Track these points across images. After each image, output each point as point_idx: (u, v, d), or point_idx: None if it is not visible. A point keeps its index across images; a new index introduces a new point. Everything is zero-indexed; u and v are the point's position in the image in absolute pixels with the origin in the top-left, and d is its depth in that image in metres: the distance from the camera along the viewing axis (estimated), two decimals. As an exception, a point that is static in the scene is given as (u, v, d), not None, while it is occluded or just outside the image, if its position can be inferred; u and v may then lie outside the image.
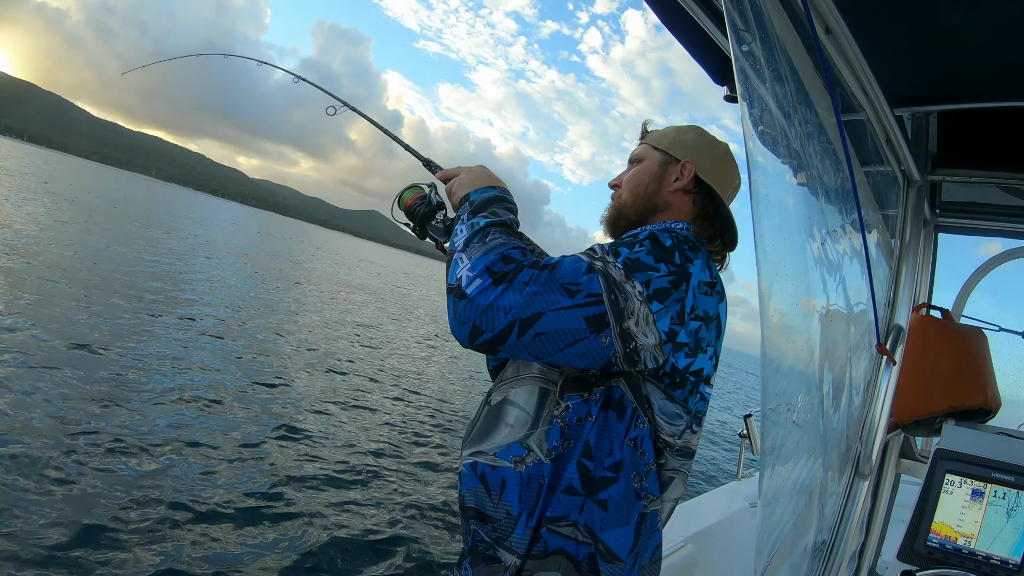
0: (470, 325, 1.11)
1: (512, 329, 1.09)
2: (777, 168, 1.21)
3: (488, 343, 1.11)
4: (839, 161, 1.54)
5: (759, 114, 1.13)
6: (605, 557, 1.18)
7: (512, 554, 1.20)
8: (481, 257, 1.16)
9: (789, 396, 1.29)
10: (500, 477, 1.22)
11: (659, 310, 1.15)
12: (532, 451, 1.22)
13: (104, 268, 15.87)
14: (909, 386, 2.35)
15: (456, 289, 1.14)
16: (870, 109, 1.79)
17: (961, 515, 2.09)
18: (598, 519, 1.18)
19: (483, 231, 1.23)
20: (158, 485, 5.73)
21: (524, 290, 1.10)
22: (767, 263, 1.06)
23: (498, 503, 1.22)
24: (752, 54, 1.13)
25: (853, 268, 1.69)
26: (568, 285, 1.11)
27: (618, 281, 1.13)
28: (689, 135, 1.51)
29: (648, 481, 1.24)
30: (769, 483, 1.25)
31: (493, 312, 1.09)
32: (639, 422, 1.23)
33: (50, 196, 32.97)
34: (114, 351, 9.19)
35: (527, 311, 1.09)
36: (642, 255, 1.19)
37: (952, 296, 2.99)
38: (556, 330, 1.10)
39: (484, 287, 1.11)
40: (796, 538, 1.63)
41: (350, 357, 14.08)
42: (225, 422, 7.90)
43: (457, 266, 1.17)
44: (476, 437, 1.31)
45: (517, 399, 1.29)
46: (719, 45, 1.79)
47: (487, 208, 1.31)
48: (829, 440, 1.71)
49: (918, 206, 2.32)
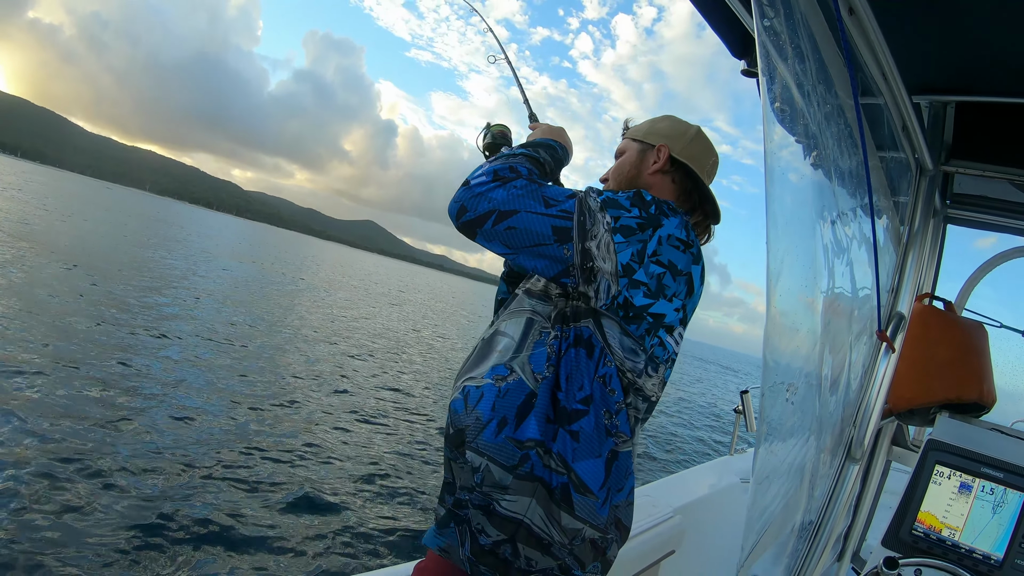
0: (460, 204, 1.32)
1: (490, 216, 1.29)
2: (792, 146, 1.20)
3: (469, 223, 1.32)
4: (854, 144, 1.53)
5: (778, 90, 1.12)
6: (577, 488, 1.24)
7: (479, 456, 1.28)
8: (495, 164, 1.37)
9: (789, 376, 1.29)
10: (480, 392, 1.32)
11: (620, 243, 1.30)
12: (514, 371, 1.32)
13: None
14: (906, 374, 2.36)
15: (466, 181, 1.34)
16: (888, 94, 1.78)
17: (948, 507, 2.10)
18: (570, 449, 1.25)
19: (514, 154, 1.44)
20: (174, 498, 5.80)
21: (512, 191, 1.30)
22: (778, 242, 1.06)
23: (470, 412, 1.31)
24: (774, 29, 1.11)
25: (860, 253, 1.69)
26: (548, 198, 1.31)
27: (592, 208, 1.31)
28: (661, 124, 1.67)
29: (619, 419, 1.31)
30: (763, 461, 1.26)
31: (480, 199, 1.30)
32: (607, 360, 1.31)
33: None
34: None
35: (507, 206, 1.28)
36: (621, 198, 1.37)
37: (956, 288, 2.99)
38: (525, 228, 1.28)
39: (484, 181, 1.32)
40: (785, 517, 1.65)
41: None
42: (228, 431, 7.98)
43: (479, 169, 1.37)
44: (468, 367, 1.42)
45: (507, 330, 1.41)
46: (739, 18, 1.77)
47: (533, 147, 1.51)
48: (824, 422, 1.72)
49: (929, 195, 2.31)
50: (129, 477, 5.76)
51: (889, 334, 2.00)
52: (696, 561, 2.96)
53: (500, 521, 1.24)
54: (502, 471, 1.25)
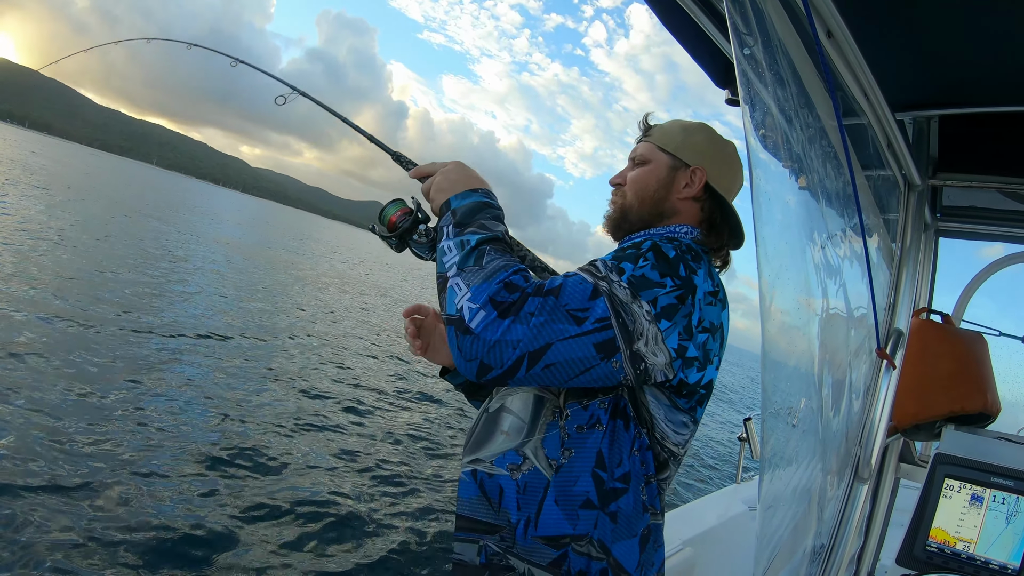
0: (477, 363, 1.07)
1: (521, 363, 1.06)
2: (779, 172, 1.21)
3: (498, 379, 1.08)
4: (840, 165, 1.54)
5: (761, 118, 1.13)
6: (615, 570, 1.17)
7: (522, 562, 1.18)
8: (482, 285, 1.09)
9: (789, 400, 1.29)
10: (497, 485, 1.21)
11: (667, 328, 1.13)
12: (528, 459, 1.21)
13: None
14: (909, 390, 2.35)
15: (458, 322, 1.08)
16: (871, 113, 1.80)
17: (960, 520, 2.08)
18: (609, 532, 1.17)
19: (477, 250, 1.15)
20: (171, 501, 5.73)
21: (531, 321, 1.05)
22: (768, 267, 1.06)
23: (499, 511, 1.21)
24: (754, 57, 1.12)
25: (854, 272, 1.69)
26: (575, 312, 1.07)
27: (624, 302, 1.10)
28: (698, 137, 1.44)
29: (648, 492, 1.23)
30: (769, 487, 1.25)
31: (501, 347, 1.05)
32: (639, 432, 1.21)
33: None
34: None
35: (535, 343, 1.05)
36: (647, 270, 1.15)
37: (952, 300, 2.99)
38: (566, 360, 1.07)
39: (489, 321, 1.06)
40: (795, 542, 1.63)
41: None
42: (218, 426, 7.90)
43: (455, 294, 1.11)
44: (474, 444, 1.30)
45: (513, 407, 1.27)
46: (721, 48, 1.79)
47: (474, 219, 1.22)
48: (828, 444, 1.71)
49: (919, 210, 2.32)
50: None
51: (889, 351, 2.00)
52: (708, 592, 2.92)
53: None
54: (542, 571, 1.17)
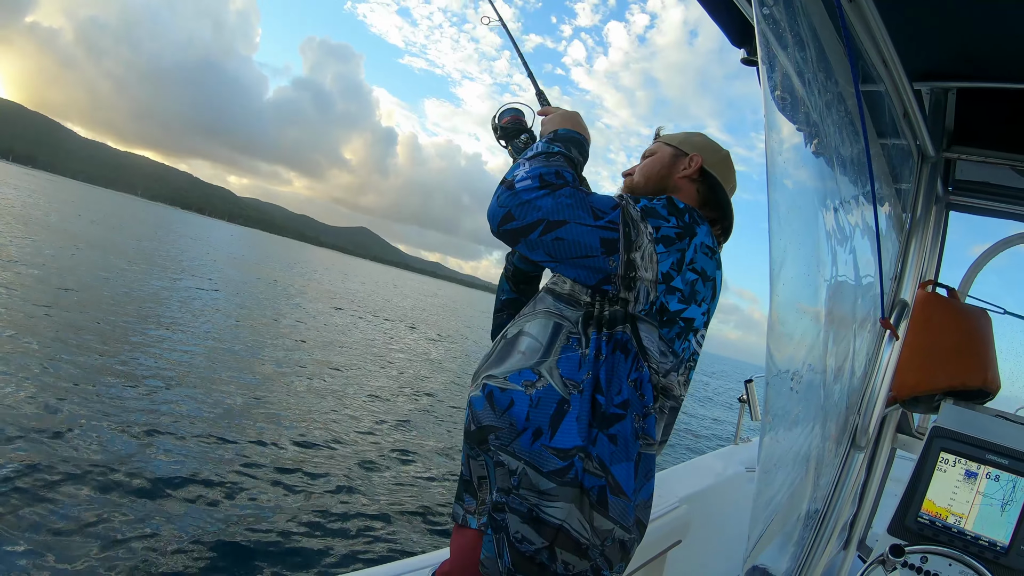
0: (506, 210, 1.27)
1: (538, 226, 1.25)
2: (793, 135, 1.20)
3: (514, 231, 1.27)
4: (855, 132, 1.53)
5: (779, 79, 1.12)
6: (614, 490, 1.25)
7: (516, 459, 1.27)
8: (539, 167, 1.31)
9: (793, 364, 1.29)
10: (509, 398, 1.30)
11: (662, 252, 1.29)
12: (543, 377, 1.30)
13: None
14: (910, 362, 2.36)
15: (508, 182, 1.30)
16: (889, 81, 1.77)
17: (953, 494, 2.10)
18: (608, 452, 1.25)
19: (552, 153, 1.37)
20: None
21: (560, 199, 1.25)
22: (780, 230, 1.06)
23: (502, 415, 1.30)
24: (774, 18, 1.11)
25: (863, 240, 1.69)
26: (596, 209, 1.27)
27: (635, 218, 1.29)
28: (697, 137, 1.67)
29: (647, 423, 1.30)
30: (768, 450, 1.27)
31: (529, 207, 1.25)
32: (639, 364, 1.30)
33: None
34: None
35: (556, 215, 1.24)
36: (659, 207, 1.33)
37: (959, 275, 2.97)
38: (574, 240, 1.25)
39: (532, 187, 1.26)
40: (791, 506, 1.65)
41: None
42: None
43: (517, 168, 1.32)
44: (489, 366, 1.40)
45: (531, 330, 1.39)
46: (739, 7, 1.76)
47: (565, 143, 1.44)
48: (829, 411, 1.72)
49: (931, 182, 2.30)
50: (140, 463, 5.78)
51: (893, 321, 1.99)
52: (702, 550, 2.96)
53: (544, 528, 1.24)
54: (540, 476, 1.25)
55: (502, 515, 1.28)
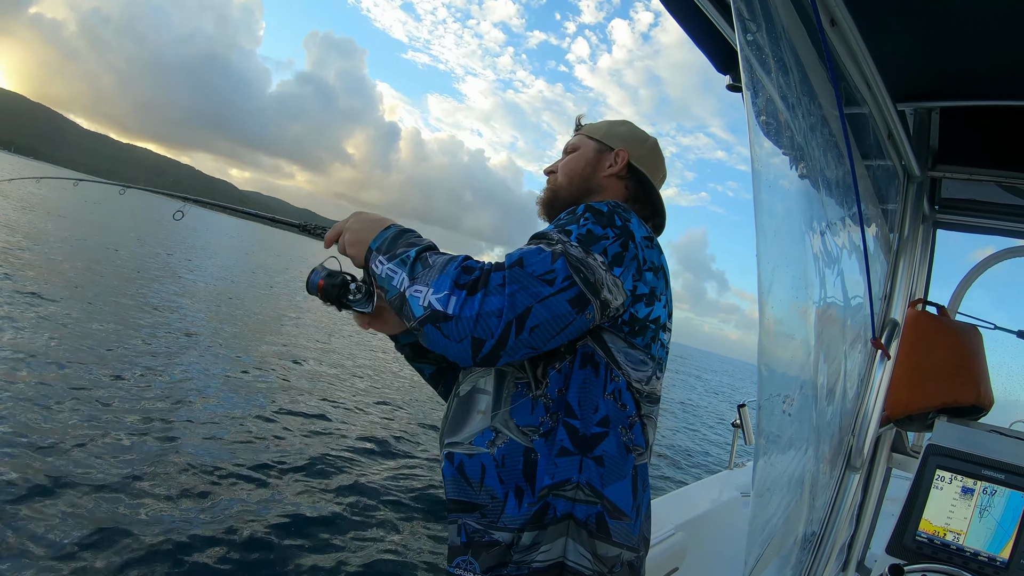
0: (468, 340, 1.08)
1: (510, 330, 1.08)
2: (779, 158, 1.21)
3: (492, 351, 1.09)
4: (840, 154, 1.54)
5: (763, 104, 1.13)
6: (612, 514, 1.19)
7: (509, 532, 1.19)
8: (440, 278, 1.12)
9: (785, 387, 1.29)
10: (479, 464, 1.23)
11: (621, 273, 1.21)
12: (500, 432, 1.23)
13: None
14: (902, 381, 2.36)
15: (432, 315, 1.10)
16: (873, 103, 1.79)
17: (950, 511, 2.09)
18: (597, 476, 1.19)
19: (420, 258, 1.19)
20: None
21: (504, 291, 1.08)
22: (767, 254, 1.06)
23: (480, 490, 1.22)
24: (757, 44, 1.12)
25: (851, 261, 1.70)
26: (543, 276, 1.11)
27: (580, 258, 1.15)
28: (621, 128, 1.60)
29: (634, 433, 1.26)
30: (762, 473, 1.26)
31: (485, 319, 1.07)
32: (613, 375, 1.24)
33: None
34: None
35: (516, 309, 1.08)
36: (589, 225, 1.22)
37: (948, 292, 3.00)
38: (547, 319, 1.10)
39: (463, 300, 1.08)
40: (787, 529, 1.64)
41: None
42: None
43: (417, 298, 1.13)
44: (450, 429, 1.31)
45: (486, 386, 1.29)
46: (723, 34, 1.78)
47: (399, 243, 1.25)
48: (822, 432, 1.72)
49: (917, 202, 2.32)
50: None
51: (884, 341, 2.00)
52: (700, 576, 2.94)
53: (541, 574, 1.17)
54: (530, 533, 1.18)
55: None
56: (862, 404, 2.03)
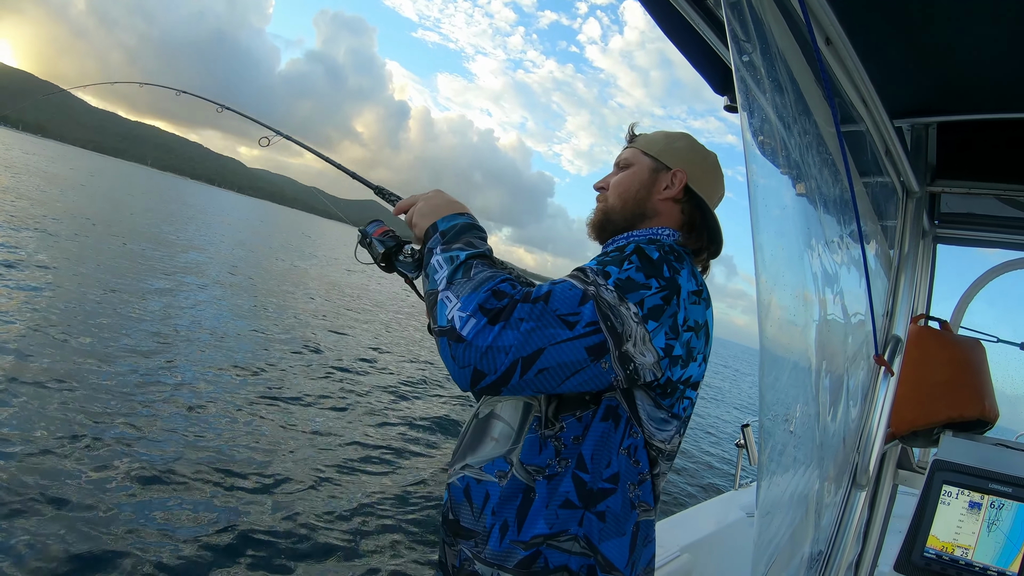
0: (471, 369, 1.06)
1: (515, 369, 1.05)
2: (777, 178, 1.21)
3: (491, 385, 1.07)
4: (838, 172, 1.55)
5: (759, 124, 1.13)
6: (604, 568, 1.18)
7: (489, 567, 1.19)
8: (471, 295, 1.10)
9: (787, 406, 1.29)
10: (484, 491, 1.23)
11: (654, 328, 1.14)
12: (513, 465, 1.22)
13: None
14: (907, 397, 2.35)
15: (450, 331, 1.08)
16: (869, 120, 1.80)
17: (958, 526, 2.08)
18: (596, 530, 1.17)
19: (465, 264, 1.16)
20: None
21: (521, 327, 1.05)
22: (766, 273, 1.06)
23: (479, 517, 1.22)
24: (752, 64, 1.13)
25: (851, 279, 1.69)
26: (565, 316, 1.08)
27: (612, 305, 1.11)
28: (680, 143, 1.49)
29: (642, 490, 1.23)
30: (766, 493, 1.25)
31: (494, 353, 1.05)
32: (632, 431, 1.22)
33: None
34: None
35: (527, 349, 1.05)
36: (632, 272, 1.16)
37: (950, 307, 3.00)
38: (558, 364, 1.07)
39: (480, 328, 1.06)
40: (793, 549, 1.63)
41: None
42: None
43: (445, 306, 1.11)
44: (464, 450, 1.31)
45: (502, 413, 1.29)
46: (719, 55, 1.79)
47: (461, 238, 1.23)
48: (826, 450, 1.71)
49: (917, 217, 2.33)
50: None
51: (887, 358, 1.99)
52: (706, 598, 2.92)
53: None
54: (507, 574, 1.17)
55: None
56: (866, 421, 2.02)
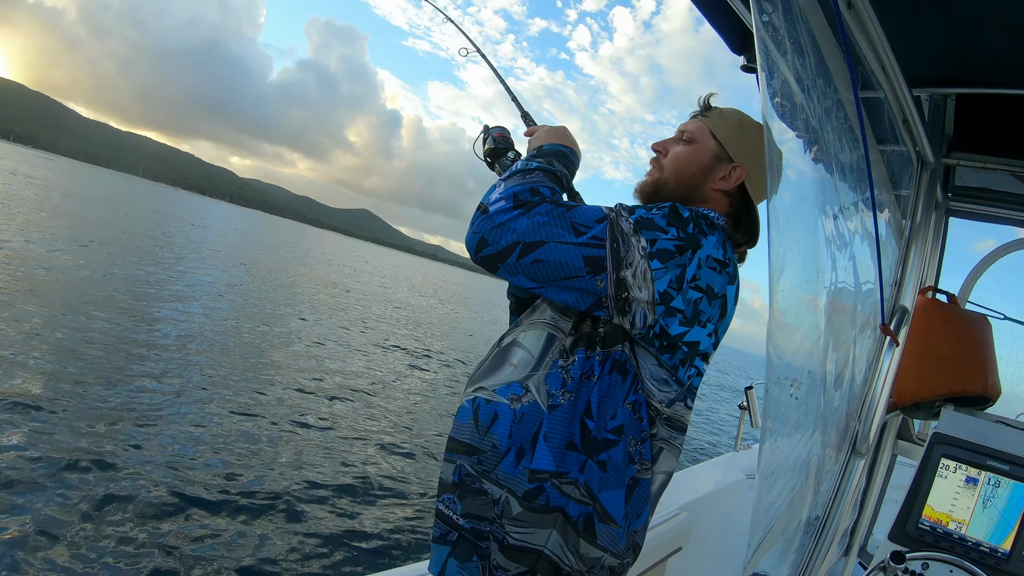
0: (480, 236, 1.21)
1: (514, 249, 1.18)
2: (793, 141, 1.20)
3: (490, 257, 1.21)
4: (855, 138, 1.53)
5: (778, 86, 1.12)
6: (601, 518, 1.19)
7: (499, 488, 1.23)
8: (513, 186, 1.24)
9: (793, 371, 1.29)
10: (493, 411, 1.27)
11: (658, 269, 1.17)
12: (529, 391, 1.26)
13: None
14: (911, 368, 2.36)
15: (482, 206, 1.23)
16: (888, 88, 1.77)
17: (954, 500, 2.10)
18: (597, 479, 1.20)
19: (530, 170, 1.30)
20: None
21: (535, 218, 1.18)
22: (779, 236, 1.06)
23: (485, 435, 1.26)
24: (773, 24, 1.11)
25: (863, 247, 1.69)
26: (578, 224, 1.18)
27: (625, 232, 1.18)
28: (750, 137, 1.44)
29: (644, 447, 1.25)
30: (768, 456, 1.26)
31: (502, 230, 1.18)
32: (639, 387, 1.24)
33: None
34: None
35: (532, 236, 1.17)
36: (656, 217, 1.22)
37: (959, 281, 2.98)
38: (555, 261, 1.17)
39: (504, 208, 1.20)
40: (792, 513, 1.65)
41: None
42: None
43: (493, 190, 1.26)
44: (481, 375, 1.36)
45: (525, 341, 1.34)
46: (739, 14, 1.77)
47: (547, 157, 1.37)
48: (829, 417, 1.72)
49: (931, 188, 2.30)
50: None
51: (893, 328, 1.99)
52: (703, 557, 2.95)
53: (515, 553, 1.19)
54: (516, 501, 1.20)
55: (485, 543, 1.24)
56: (869, 390, 2.03)
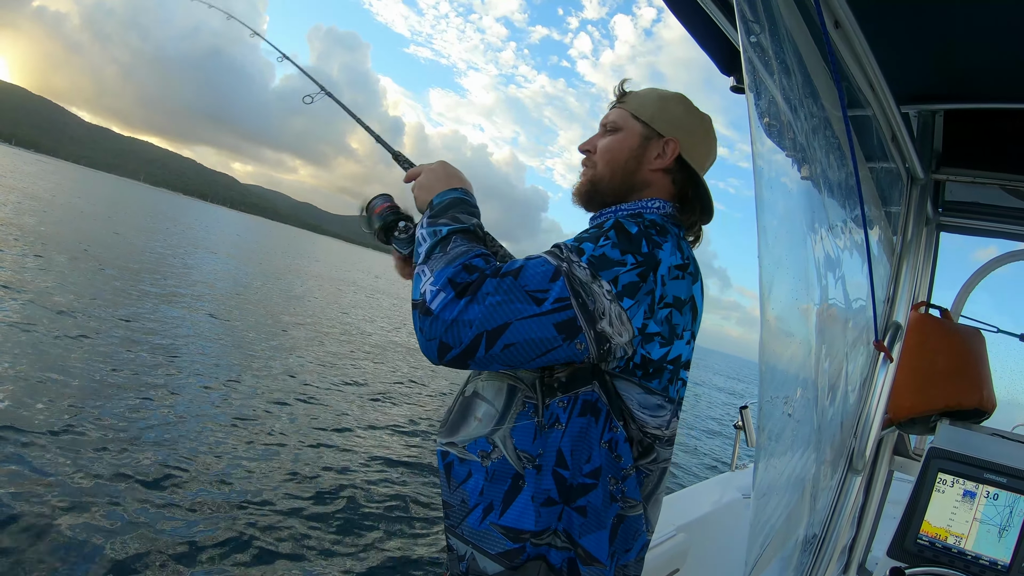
0: (437, 342, 1.07)
1: (479, 342, 1.06)
2: (782, 161, 1.21)
3: (457, 358, 1.08)
4: (844, 156, 1.54)
5: (765, 106, 1.13)
6: (584, 560, 1.17)
7: (466, 544, 1.19)
8: (443, 269, 1.11)
9: (786, 389, 1.29)
10: (467, 470, 1.22)
11: (631, 306, 1.12)
12: (497, 447, 1.20)
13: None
14: (905, 384, 2.36)
15: (420, 305, 1.10)
16: (876, 105, 1.79)
17: (952, 514, 2.10)
18: (577, 525, 1.17)
19: (444, 239, 1.17)
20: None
21: (487, 301, 1.06)
22: (769, 255, 1.06)
23: (455, 491, 1.22)
24: (760, 45, 1.12)
25: (854, 264, 1.69)
26: (534, 292, 1.07)
27: (584, 282, 1.09)
28: (674, 108, 1.40)
29: (627, 485, 1.21)
30: (763, 475, 1.26)
31: (458, 327, 1.05)
32: (612, 425, 1.19)
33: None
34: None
35: (492, 322, 1.05)
36: (607, 249, 1.14)
37: (951, 296, 2.99)
38: (526, 340, 1.06)
39: (447, 301, 1.07)
40: (788, 531, 1.64)
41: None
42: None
43: (420, 280, 1.13)
44: (450, 427, 1.30)
45: (486, 393, 1.27)
46: (727, 35, 1.78)
47: (448, 213, 1.24)
48: (824, 434, 1.71)
49: (921, 204, 2.32)
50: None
51: (886, 344, 2.00)
52: (701, 578, 2.94)
53: None
54: (487, 559, 1.16)
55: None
56: (864, 406, 2.03)
